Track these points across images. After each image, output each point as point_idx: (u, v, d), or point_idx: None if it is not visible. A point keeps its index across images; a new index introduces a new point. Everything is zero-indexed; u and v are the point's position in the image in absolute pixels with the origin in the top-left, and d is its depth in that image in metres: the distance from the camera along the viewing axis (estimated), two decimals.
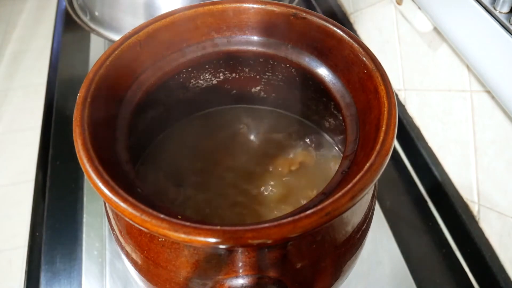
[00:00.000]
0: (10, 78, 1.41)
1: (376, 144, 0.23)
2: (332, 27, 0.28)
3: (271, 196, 0.35)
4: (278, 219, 0.20)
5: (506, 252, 0.42)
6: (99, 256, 0.43)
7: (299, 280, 0.24)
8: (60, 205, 0.48)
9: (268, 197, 0.35)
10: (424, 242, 0.46)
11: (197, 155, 0.37)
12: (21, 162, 1.15)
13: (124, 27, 0.53)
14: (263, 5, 0.30)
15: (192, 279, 0.23)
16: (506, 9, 0.34)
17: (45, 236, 0.46)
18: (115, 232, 0.27)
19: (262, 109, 0.41)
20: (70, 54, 0.66)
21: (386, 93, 0.25)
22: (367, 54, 0.27)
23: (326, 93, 0.30)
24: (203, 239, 0.19)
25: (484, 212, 0.44)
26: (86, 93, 0.25)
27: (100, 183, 0.21)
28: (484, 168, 0.43)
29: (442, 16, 0.40)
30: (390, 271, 0.42)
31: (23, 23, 1.61)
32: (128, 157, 0.26)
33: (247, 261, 0.22)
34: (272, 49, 0.32)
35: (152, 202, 0.23)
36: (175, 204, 0.34)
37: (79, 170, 0.50)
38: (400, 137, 0.55)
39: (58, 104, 0.59)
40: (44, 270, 0.43)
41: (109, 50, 0.27)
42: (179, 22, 0.30)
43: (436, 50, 0.47)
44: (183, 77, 0.34)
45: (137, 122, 0.30)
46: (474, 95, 0.42)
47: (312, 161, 0.37)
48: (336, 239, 0.25)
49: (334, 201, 0.21)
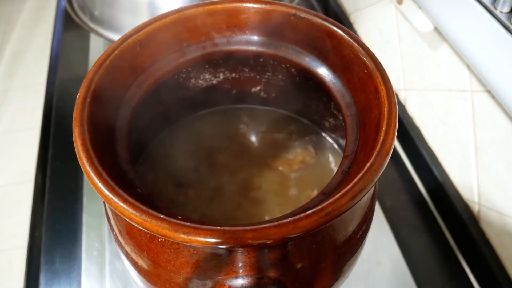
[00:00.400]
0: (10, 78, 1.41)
1: (376, 144, 0.23)
2: (332, 27, 0.28)
3: (271, 196, 0.35)
4: (278, 219, 0.20)
5: (507, 252, 0.42)
6: (99, 256, 0.43)
7: (299, 280, 0.24)
8: (60, 205, 0.48)
9: (268, 197, 0.35)
10: (424, 242, 0.46)
11: (197, 155, 0.37)
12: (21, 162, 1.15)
13: (124, 27, 0.53)
14: (263, 5, 0.30)
15: (192, 279, 0.23)
16: (506, 9, 0.34)
17: (44, 236, 0.45)
18: (114, 232, 0.27)
19: (262, 109, 0.40)
20: (69, 54, 0.66)
21: (386, 93, 0.25)
22: (367, 54, 0.27)
23: (326, 93, 0.30)
24: (203, 239, 0.19)
25: (484, 212, 0.44)
26: (85, 93, 0.25)
27: (100, 183, 0.21)
28: (485, 168, 0.43)
29: (442, 16, 0.40)
30: (390, 271, 0.42)
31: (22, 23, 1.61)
32: (128, 157, 0.26)
33: (247, 261, 0.22)
34: (272, 49, 0.32)
35: (152, 202, 0.23)
36: (175, 204, 0.34)
37: (78, 170, 0.50)
38: (400, 137, 0.55)
39: (58, 104, 0.59)
40: (43, 270, 0.43)
41: (108, 50, 0.27)
42: (179, 22, 0.30)
43: (436, 50, 0.47)
44: (183, 77, 0.34)
45: (137, 122, 0.30)
46: (474, 95, 0.42)
47: (312, 161, 0.37)
48: (336, 239, 0.25)
49: (334, 201, 0.20)
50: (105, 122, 0.26)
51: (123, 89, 0.29)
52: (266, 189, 0.35)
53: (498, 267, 0.42)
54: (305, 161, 0.37)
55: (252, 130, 0.39)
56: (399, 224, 0.46)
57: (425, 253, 0.45)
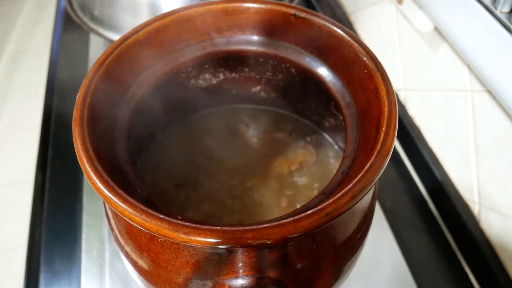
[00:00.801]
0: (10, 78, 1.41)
1: (377, 144, 0.23)
2: (332, 26, 0.28)
3: (271, 196, 0.35)
4: (278, 219, 0.20)
5: (507, 252, 0.42)
6: (99, 256, 0.43)
7: (299, 281, 0.24)
8: (60, 205, 0.48)
9: (268, 197, 0.35)
10: (424, 242, 0.46)
11: (197, 155, 0.37)
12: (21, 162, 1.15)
13: (124, 26, 0.53)
14: (263, 4, 0.30)
15: (192, 279, 0.23)
16: (507, 8, 0.34)
17: (44, 236, 0.45)
18: (114, 232, 0.27)
19: (262, 109, 0.40)
20: (69, 54, 0.66)
21: (386, 93, 0.25)
22: (368, 53, 0.27)
23: (326, 93, 0.30)
24: (203, 239, 0.19)
25: (484, 213, 0.44)
26: (85, 93, 0.25)
27: (100, 183, 0.21)
28: (485, 168, 0.43)
29: (442, 16, 0.40)
30: (390, 272, 0.42)
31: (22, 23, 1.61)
32: (128, 157, 0.26)
33: (247, 262, 0.22)
34: (272, 49, 0.32)
35: (152, 202, 0.23)
36: (175, 204, 0.34)
37: (78, 170, 0.50)
38: (400, 137, 0.55)
39: (58, 104, 0.59)
40: (43, 270, 0.43)
41: (108, 50, 0.27)
42: (179, 21, 0.30)
43: (436, 50, 0.47)
44: (183, 77, 0.34)
45: (137, 122, 0.29)
46: (474, 95, 0.42)
47: (312, 161, 0.37)
48: (336, 239, 0.25)
49: (334, 201, 0.20)
50: (105, 122, 0.26)
51: (123, 89, 0.29)
52: (266, 189, 0.35)
53: (498, 267, 0.42)
54: (305, 161, 0.37)
55: (252, 130, 0.39)
56: (399, 224, 0.46)
57: (425, 253, 0.45)
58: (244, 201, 0.34)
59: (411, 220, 0.47)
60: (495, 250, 0.43)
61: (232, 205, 0.34)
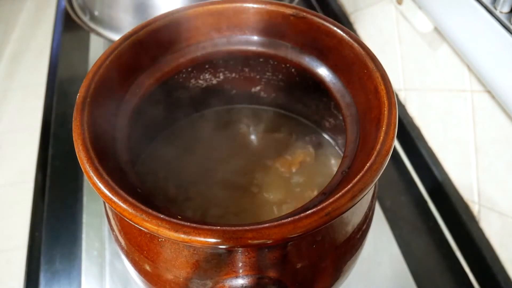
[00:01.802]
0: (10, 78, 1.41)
1: (376, 144, 0.23)
2: (332, 26, 0.28)
3: (271, 196, 0.35)
4: (278, 219, 0.20)
5: (507, 252, 0.42)
6: (99, 256, 0.43)
7: (299, 281, 0.24)
8: (60, 205, 0.48)
9: (268, 197, 0.35)
10: (424, 242, 0.46)
11: (197, 155, 0.37)
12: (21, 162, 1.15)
13: (124, 27, 0.53)
14: (263, 5, 0.30)
15: (192, 279, 0.23)
16: (506, 8, 0.34)
17: (44, 236, 0.45)
18: (114, 232, 0.27)
19: (262, 109, 0.40)
20: (69, 54, 0.66)
21: (386, 93, 0.25)
22: (367, 54, 0.27)
23: (326, 93, 0.30)
24: (203, 239, 0.19)
25: (484, 212, 0.44)
26: (86, 93, 0.25)
27: (100, 183, 0.21)
28: (485, 168, 0.43)
29: (442, 16, 0.40)
30: (390, 272, 0.42)
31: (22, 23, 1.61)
32: (128, 157, 0.26)
33: (247, 261, 0.22)
34: (272, 49, 0.32)
35: (152, 202, 0.23)
36: (175, 204, 0.34)
37: (78, 170, 0.50)
38: (400, 137, 0.55)
39: (58, 104, 0.59)
40: (43, 270, 0.43)
41: (108, 50, 0.27)
42: (179, 22, 0.30)
43: (436, 50, 0.47)
44: (183, 77, 0.34)
45: (137, 122, 0.30)
46: (474, 95, 0.42)
47: (312, 161, 0.37)
48: (336, 239, 0.25)
49: (334, 201, 0.20)
50: (105, 122, 0.26)
51: (123, 89, 0.29)
52: (266, 189, 0.35)
53: (498, 267, 0.42)
54: (305, 161, 0.37)
55: (252, 130, 0.39)
56: (399, 224, 0.46)
57: (425, 253, 0.45)
58: (244, 201, 0.34)
59: (411, 220, 0.47)
60: (495, 250, 0.43)
61: (232, 205, 0.34)
